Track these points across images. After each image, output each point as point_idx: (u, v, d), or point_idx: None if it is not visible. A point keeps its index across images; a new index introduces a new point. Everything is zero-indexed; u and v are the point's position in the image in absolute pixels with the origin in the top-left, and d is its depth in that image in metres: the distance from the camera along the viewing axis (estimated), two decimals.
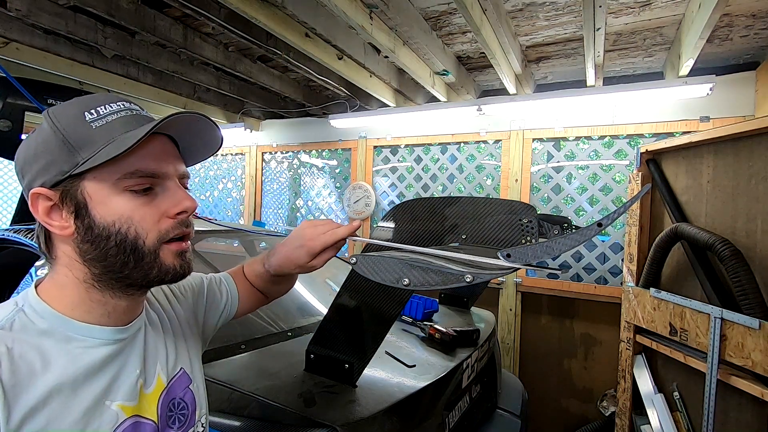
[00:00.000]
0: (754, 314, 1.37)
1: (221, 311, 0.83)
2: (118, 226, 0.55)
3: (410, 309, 1.79)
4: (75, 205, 0.54)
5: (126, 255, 0.55)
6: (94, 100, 0.57)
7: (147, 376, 0.63)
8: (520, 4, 2.04)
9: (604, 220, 0.51)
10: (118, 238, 0.55)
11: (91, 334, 0.57)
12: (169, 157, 0.59)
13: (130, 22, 2.06)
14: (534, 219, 0.86)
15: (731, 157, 1.60)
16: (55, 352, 0.53)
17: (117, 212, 0.54)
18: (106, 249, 0.55)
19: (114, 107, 0.57)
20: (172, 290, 0.78)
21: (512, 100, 2.75)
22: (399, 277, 0.56)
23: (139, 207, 0.55)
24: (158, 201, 0.57)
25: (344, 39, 2.34)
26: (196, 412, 0.69)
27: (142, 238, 0.56)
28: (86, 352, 0.56)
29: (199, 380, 0.73)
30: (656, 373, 1.94)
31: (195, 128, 0.61)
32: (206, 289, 0.83)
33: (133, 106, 0.59)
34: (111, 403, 0.56)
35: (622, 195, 2.75)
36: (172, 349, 0.70)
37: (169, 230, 0.58)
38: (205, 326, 0.81)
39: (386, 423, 1.05)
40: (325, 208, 3.85)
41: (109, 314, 0.59)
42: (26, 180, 0.56)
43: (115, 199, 0.54)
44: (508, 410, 1.78)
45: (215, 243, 3.44)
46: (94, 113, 0.55)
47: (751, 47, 2.34)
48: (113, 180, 0.54)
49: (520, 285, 2.91)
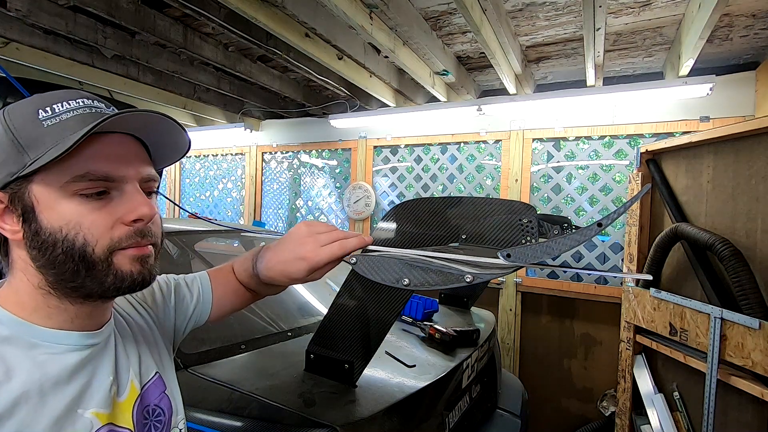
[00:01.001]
0: (754, 314, 1.37)
1: (189, 315, 0.77)
2: (65, 232, 0.50)
3: (410, 309, 1.79)
4: (23, 208, 0.51)
5: (75, 263, 0.51)
6: (52, 98, 0.53)
7: (120, 383, 0.59)
8: (520, 4, 2.04)
9: (604, 220, 0.51)
10: (65, 245, 0.50)
11: (57, 340, 0.53)
12: (131, 159, 0.54)
13: (130, 22, 2.06)
14: (534, 219, 0.86)
15: (731, 157, 1.60)
16: (18, 359, 0.50)
17: (65, 218, 0.50)
18: (54, 256, 0.51)
19: (72, 104, 0.52)
20: (134, 295, 0.73)
21: (512, 100, 2.75)
22: (399, 277, 0.56)
23: (89, 212, 0.51)
24: (113, 206, 0.52)
25: (344, 39, 2.34)
26: (172, 419, 0.66)
27: (91, 246, 0.51)
28: (54, 359, 0.52)
29: (174, 385, 0.70)
30: (656, 373, 1.94)
31: (159, 129, 0.56)
32: (173, 292, 0.77)
33: (96, 103, 0.55)
34: (84, 411, 0.53)
35: (622, 195, 2.76)
36: (145, 354, 0.66)
37: (123, 238, 0.53)
38: (175, 331, 0.76)
39: (386, 423, 1.05)
40: (325, 208, 3.85)
41: (72, 320, 0.55)
42: None
43: (63, 204, 0.50)
44: (508, 410, 1.78)
45: (215, 243, 3.44)
46: (49, 111, 0.51)
47: (751, 47, 2.34)
48: (61, 183, 0.50)
49: (520, 285, 2.91)
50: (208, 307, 0.79)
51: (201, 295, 0.78)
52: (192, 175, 4.65)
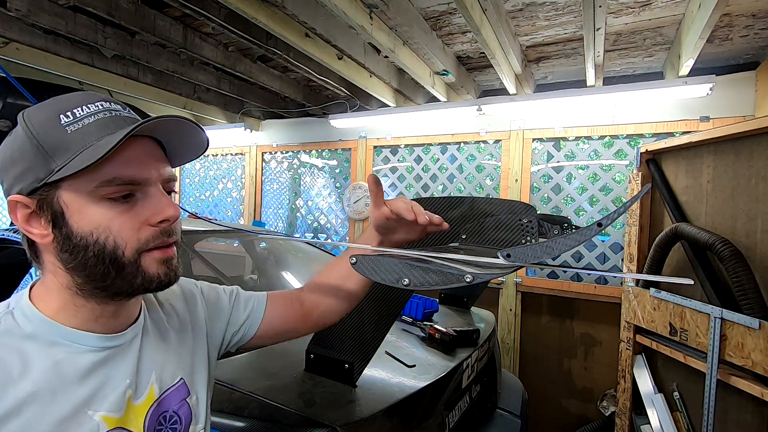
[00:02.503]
0: (754, 314, 1.37)
1: (239, 326, 0.78)
2: (96, 236, 0.52)
3: (410, 309, 1.79)
4: (52, 213, 0.52)
5: (105, 265, 0.53)
6: (69, 101, 0.54)
7: (138, 387, 0.60)
8: (520, 4, 2.04)
9: (604, 220, 0.51)
10: (96, 249, 0.52)
11: (76, 340, 0.55)
12: (152, 161, 0.56)
13: (130, 22, 2.06)
14: (534, 219, 0.86)
15: (731, 157, 1.60)
16: (37, 356, 0.52)
17: (94, 222, 0.52)
18: (86, 259, 0.53)
19: (92, 108, 0.54)
20: (195, 294, 0.76)
21: (512, 100, 2.75)
22: (399, 277, 0.56)
23: (117, 216, 0.53)
24: (138, 208, 0.54)
25: (344, 39, 2.34)
26: (190, 427, 0.66)
27: (121, 248, 0.53)
28: (70, 358, 0.54)
29: (201, 393, 0.69)
30: (656, 373, 1.94)
31: (179, 130, 0.58)
32: (234, 299, 0.79)
33: (113, 105, 0.56)
34: (93, 413, 0.54)
35: (622, 195, 2.75)
36: (174, 358, 0.66)
37: (150, 239, 0.55)
38: (223, 339, 0.78)
39: (386, 423, 1.05)
40: (325, 208, 3.85)
41: (96, 319, 0.57)
42: (5, 186, 0.54)
43: (92, 208, 0.52)
44: (508, 410, 1.78)
45: (215, 243, 3.44)
46: (70, 116, 0.52)
47: (751, 47, 2.34)
48: (90, 188, 0.51)
49: (520, 285, 2.91)
50: (257, 323, 0.80)
51: (254, 310, 0.80)
52: (192, 175, 4.65)
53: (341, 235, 3.71)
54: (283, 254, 2.41)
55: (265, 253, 2.47)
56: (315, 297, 0.84)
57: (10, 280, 1.95)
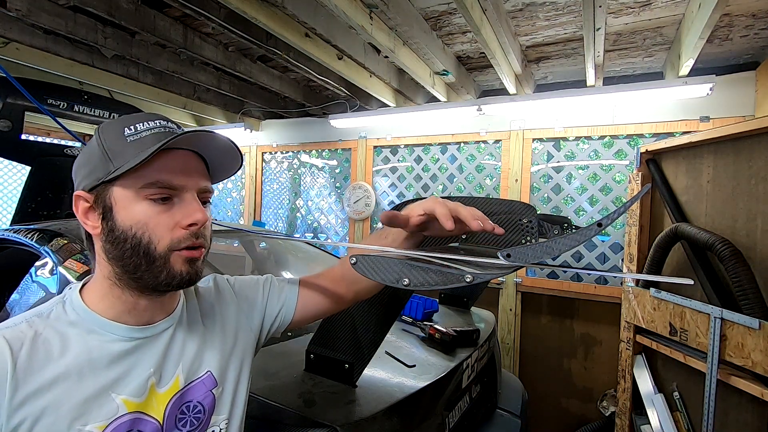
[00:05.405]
0: (754, 314, 1.37)
1: (275, 315, 0.83)
2: (135, 230, 0.60)
3: (410, 309, 1.79)
4: (103, 207, 0.61)
5: (139, 257, 0.60)
6: (135, 119, 0.64)
7: (163, 376, 0.66)
8: (520, 4, 2.04)
9: (604, 220, 0.51)
10: (134, 242, 0.60)
11: (109, 329, 0.62)
12: (192, 172, 0.64)
13: (130, 22, 2.06)
14: (534, 219, 0.85)
15: (731, 157, 1.60)
16: (75, 341, 0.60)
17: (135, 218, 0.60)
18: (123, 250, 0.61)
19: (150, 125, 0.63)
20: (227, 291, 0.80)
21: (512, 100, 2.75)
22: (399, 277, 0.56)
23: (155, 215, 0.61)
24: (174, 211, 0.62)
25: (344, 39, 2.34)
26: (212, 417, 0.70)
27: (154, 244, 0.61)
28: (102, 346, 0.61)
29: (229, 386, 0.73)
30: (656, 373, 1.94)
31: (219, 147, 0.66)
32: (269, 288, 0.83)
33: (170, 124, 0.65)
34: (116, 396, 0.60)
35: (622, 195, 2.75)
36: (205, 352, 0.71)
37: (181, 239, 0.62)
38: (261, 328, 0.82)
39: (386, 423, 1.05)
40: (325, 208, 3.85)
41: (129, 311, 0.64)
42: (76, 182, 0.65)
43: (136, 206, 0.60)
44: (508, 410, 1.78)
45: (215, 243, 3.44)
46: (132, 129, 0.62)
47: (751, 47, 2.34)
48: (136, 188, 0.60)
49: (520, 285, 2.91)
50: (291, 311, 0.84)
51: (287, 299, 0.84)
52: None
53: (341, 235, 3.71)
54: (283, 254, 2.41)
55: (265, 254, 2.47)
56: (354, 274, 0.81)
57: (10, 280, 1.95)
